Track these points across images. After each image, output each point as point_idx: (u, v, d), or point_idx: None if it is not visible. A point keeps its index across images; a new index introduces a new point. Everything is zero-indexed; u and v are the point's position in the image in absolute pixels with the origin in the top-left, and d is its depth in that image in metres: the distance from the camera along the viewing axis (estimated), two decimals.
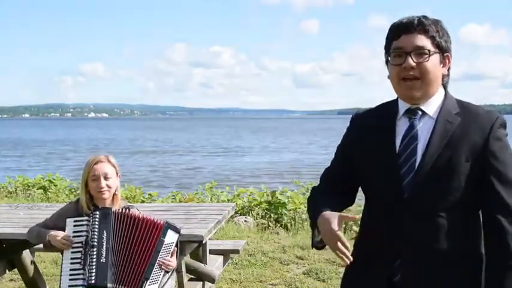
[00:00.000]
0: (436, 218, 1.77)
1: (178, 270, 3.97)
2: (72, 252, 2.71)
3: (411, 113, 1.85)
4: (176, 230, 2.81)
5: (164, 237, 2.74)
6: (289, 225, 8.01)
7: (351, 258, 1.76)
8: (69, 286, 2.69)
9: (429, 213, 1.77)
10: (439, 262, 1.77)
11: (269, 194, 8.96)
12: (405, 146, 1.81)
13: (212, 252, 4.99)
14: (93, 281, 2.65)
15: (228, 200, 9.07)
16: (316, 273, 5.54)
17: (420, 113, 1.84)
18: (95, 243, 2.67)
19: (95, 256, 2.67)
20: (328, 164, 2.08)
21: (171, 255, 2.81)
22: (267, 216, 8.45)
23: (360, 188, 2.01)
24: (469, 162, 1.75)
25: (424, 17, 1.81)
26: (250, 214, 8.58)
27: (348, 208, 2.13)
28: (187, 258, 4.26)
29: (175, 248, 2.83)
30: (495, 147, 1.76)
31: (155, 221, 2.75)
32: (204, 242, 3.92)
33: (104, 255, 2.67)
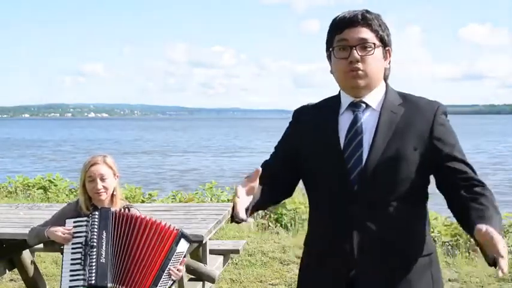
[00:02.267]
0: (387, 208, 1.77)
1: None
2: (72, 253, 2.71)
3: (355, 106, 1.85)
4: (188, 240, 2.78)
5: (177, 246, 2.70)
6: (289, 225, 8.01)
7: (245, 219, 1.75)
8: (70, 287, 2.68)
9: (380, 204, 1.77)
10: (393, 252, 1.78)
11: None
12: (350, 139, 1.82)
13: (212, 252, 4.99)
14: (93, 281, 2.63)
15: (228, 200, 9.06)
16: None
17: (364, 105, 1.85)
18: (95, 244, 2.67)
19: (94, 256, 2.66)
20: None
21: (180, 264, 2.78)
22: (267, 216, 8.45)
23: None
24: (417, 150, 1.77)
25: (367, 11, 1.83)
26: None
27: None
28: (187, 258, 4.26)
29: (185, 258, 2.81)
30: (440, 133, 1.79)
31: (169, 228, 2.72)
32: (204, 242, 3.93)
33: (103, 256, 2.66)
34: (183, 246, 2.74)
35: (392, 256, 1.78)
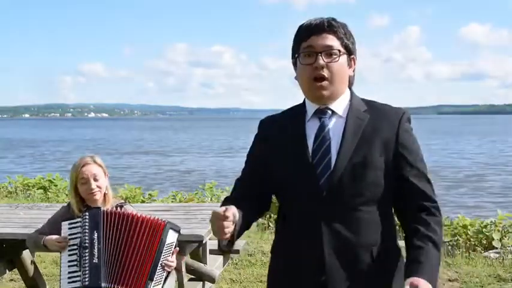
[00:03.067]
0: (355, 213, 1.79)
1: (178, 270, 3.97)
2: (68, 255, 2.72)
3: (321, 112, 1.87)
4: (176, 230, 2.80)
5: (166, 237, 2.72)
6: None
7: (227, 236, 1.71)
8: None
9: (348, 209, 1.79)
10: (361, 257, 1.79)
11: None
12: (318, 145, 1.83)
13: (212, 252, 4.99)
14: (87, 283, 2.64)
15: None
16: None
17: (330, 112, 1.86)
18: (87, 244, 2.67)
19: (87, 257, 2.66)
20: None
21: (172, 255, 2.80)
22: (267, 216, 8.45)
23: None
24: (382, 156, 1.79)
25: (333, 19, 1.85)
26: None
27: None
28: (187, 258, 4.26)
29: (176, 248, 2.82)
30: (405, 139, 1.83)
31: (156, 220, 2.73)
32: (204, 242, 3.93)
33: (96, 256, 2.66)
34: (172, 236, 2.75)
35: (362, 259, 1.79)
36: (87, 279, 2.64)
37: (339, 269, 1.78)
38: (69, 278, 2.69)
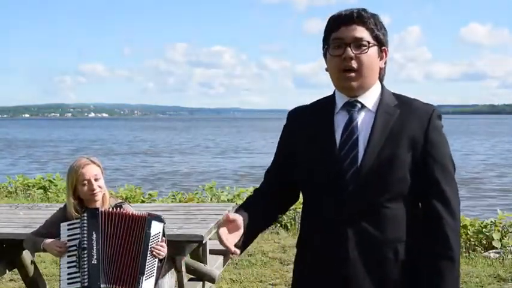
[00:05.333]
0: (381, 209, 1.78)
1: (178, 270, 3.97)
2: (68, 256, 2.73)
3: (350, 105, 1.85)
4: (160, 220, 2.82)
5: (150, 229, 2.75)
6: (289, 225, 8.00)
7: (236, 251, 1.82)
8: None
9: (374, 204, 1.78)
10: (386, 253, 1.78)
11: None
12: (346, 139, 1.82)
13: (212, 252, 4.99)
14: (86, 284, 2.66)
15: (228, 200, 9.06)
16: None
17: (359, 105, 1.85)
18: (85, 246, 2.68)
19: (86, 258, 2.67)
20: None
21: (161, 242, 2.82)
22: None
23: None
24: (410, 153, 1.78)
25: (363, 9, 1.83)
26: None
27: None
28: (187, 258, 4.26)
29: (164, 238, 2.84)
30: (434, 137, 1.80)
31: (138, 215, 2.77)
32: (204, 242, 3.93)
33: (95, 257, 2.68)
34: (157, 227, 2.78)
35: (386, 256, 1.78)
36: (86, 280, 2.66)
37: (363, 265, 1.78)
38: (68, 279, 2.71)
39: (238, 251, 1.81)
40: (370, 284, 1.78)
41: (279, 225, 8.12)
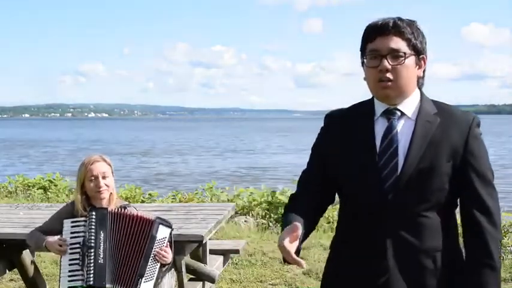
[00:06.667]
0: (420, 218, 1.77)
1: (178, 270, 3.97)
2: (70, 254, 2.72)
3: (389, 113, 1.84)
4: (167, 225, 2.81)
5: (156, 233, 2.74)
6: None
7: (303, 264, 1.78)
8: (69, 287, 2.69)
9: (413, 213, 1.77)
10: (423, 261, 1.78)
11: (269, 194, 8.96)
12: (386, 147, 1.80)
13: (212, 252, 4.99)
14: (91, 282, 2.65)
15: (228, 200, 9.07)
16: (316, 273, 5.54)
17: (399, 113, 1.83)
18: (92, 244, 2.68)
19: (92, 257, 2.67)
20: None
21: (166, 247, 2.81)
22: (267, 216, 8.45)
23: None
24: (450, 162, 1.77)
25: (399, 18, 1.80)
26: (250, 214, 8.58)
27: None
28: (187, 258, 4.26)
29: (169, 243, 2.83)
30: (474, 146, 1.79)
31: (146, 217, 2.76)
32: (204, 242, 3.93)
33: (101, 256, 2.67)
34: (163, 232, 2.77)
35: (424, 264, 1.78)
36: (91, 279, 2.65)
37: (401, 273, 1.77)
38: (69, 276, 2.70)
39: (304, 263, 1.78)
40: None
41: (279, 225, 8.12)
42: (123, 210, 2.79)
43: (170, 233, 2.82)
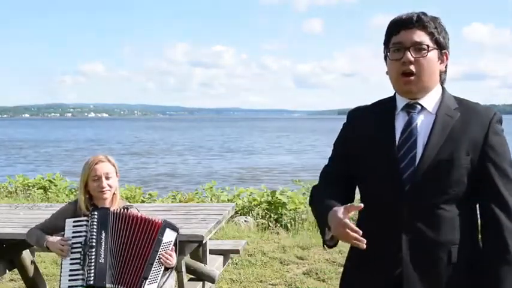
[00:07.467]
0: (436, 211, 1.78)
1: (178, 270, 3.97)
2: (71, 253, 2.72)
3: (410, 107, 1.86)
4: (174, 229, 2.81)
5: (162, 236, 2.75)
6: (289, 225, 8.01)
7: (364, 242, 1.73)
8: (69, 286, 2.69)
9: (429, 206, 1.78)
10: (439, 255, 1.79)
11: (269, 194, 8.96)
12: (405, 139, 1.83)
13: (212, 252, 4.99)
14: (91, 282, 2.65)
15: (228, 200, 9.07)
16: (316, 273, 5.54)
17: (419, 107, 1.86)
18: (94, 244, 2.68)
19: (93, 257, 2.67)
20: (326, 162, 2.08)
21: (171, 251, 2.82)
22: (267, 216, 8.44)
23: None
24: (469, 156, 1.78)
25: (423, 13, 1.84)
26: (250, 214, 8.58)
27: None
28: (187, 258, 4.26)
29: (174, 247, 2.83)
30: (494, 141, 1.80)
31: (153, 220, 2.76)
32: (204, 242, 3.93)
33: (102, 256, 2.68)
34: (169, 236, 2.78)
35: (439, 257, 1.79)
36: (91, 279, 2.65)
37: (415, 265, 1.78)
38: (70, 275, 2.70)
39: (365, 242, 1.72)
40: (423, 284, 1.79)
41: (279, 225, 8.12)
42: (125, 211, 2.79)
43: (176, 237, 2.82)
